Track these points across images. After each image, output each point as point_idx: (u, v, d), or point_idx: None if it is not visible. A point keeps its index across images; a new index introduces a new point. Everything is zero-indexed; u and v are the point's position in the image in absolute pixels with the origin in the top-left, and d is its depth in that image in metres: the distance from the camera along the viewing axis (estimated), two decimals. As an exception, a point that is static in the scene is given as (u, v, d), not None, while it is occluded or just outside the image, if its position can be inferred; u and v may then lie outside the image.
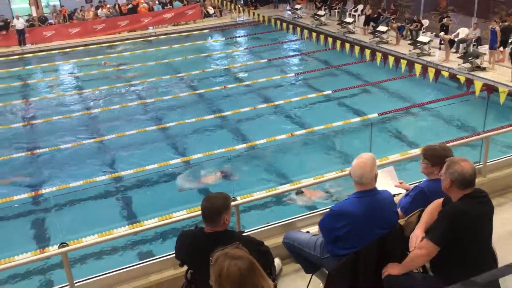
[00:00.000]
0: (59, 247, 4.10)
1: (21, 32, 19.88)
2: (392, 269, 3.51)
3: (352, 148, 10.32)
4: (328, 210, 3.77)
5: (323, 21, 21.22)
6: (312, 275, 4.13)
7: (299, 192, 8.48)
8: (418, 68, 14.36)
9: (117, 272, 4.37)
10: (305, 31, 19.62)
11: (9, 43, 20.09)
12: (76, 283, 4.21)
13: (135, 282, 4.34)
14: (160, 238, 7.68)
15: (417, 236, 3.43)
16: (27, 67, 18.41)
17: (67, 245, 4.13)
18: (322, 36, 18.49)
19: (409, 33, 17.70)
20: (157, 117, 12.96)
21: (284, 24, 21.21)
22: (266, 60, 17.48)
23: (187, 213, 6.81)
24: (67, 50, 20.00)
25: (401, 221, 3.76)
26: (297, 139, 11.14)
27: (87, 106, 14.03)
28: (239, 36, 21.87)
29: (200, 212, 3.50)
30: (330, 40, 17.93)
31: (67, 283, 4.17)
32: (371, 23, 18.88)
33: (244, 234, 3.77)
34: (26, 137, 12.17)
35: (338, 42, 17.47)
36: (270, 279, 3.74)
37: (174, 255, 3.82)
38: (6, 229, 8.43)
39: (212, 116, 12.73)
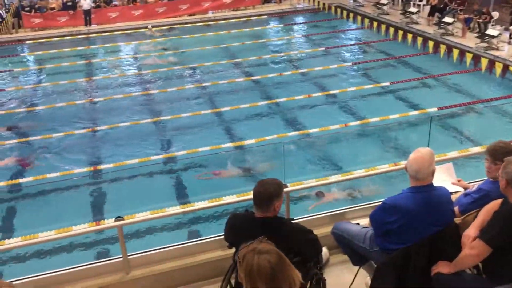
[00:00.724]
0: (115, 221, 4.26)
1: (87, 13, 20.66)
2: (442, 268, 3.42)
3: (408, 142, 10.04)
4: (380, 203, 3.70)
5: (385, 10, 20.61)
6: (359, 268, 4.09)
7: (319, 194, 8.32)
8: (484, 62, 13.72)
9: (167, 248, 4.51)
10: (366, 20, 19.18)
11: (76, 23, 20.93)
12: (129, 255, 4.38)
13: (184, 260, 4.46)
14: (209, 220, 7.84)
15: (469, 236, 3.32)
16: (92, 46, 19.13)
17: (123, 219, 4.28)
18: (383, 26, 18.01)
19: (476, 25, 16.85)
20: (212, 101, 13.13)
21: (345, 12, 20.82)
22: (323, 48, 17.24)
23: (237, 197, 6.91)
24: (130, 31, 20.58)
25: (457, 220, 3.63)
26: (351, 129, 10.96)
27: (145, 87, 14.42)
28: (297, 23, 21.66)
29: (249, 197, 3.53)
30: (391, 30, 17.44)
31: (121, 256, 4.35)
32: (437, 14, 18.13)
33: (293, 221, 3.77)
34: (88, 114, 12.69)
35: (400, 33, 16.97)
36: (317, 268, 3.75)
37: (222, 236, 3.88)
38: (65, 200, 8.87)
39: (266, 102, 12.75)
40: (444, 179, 4.25)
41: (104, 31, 20.71)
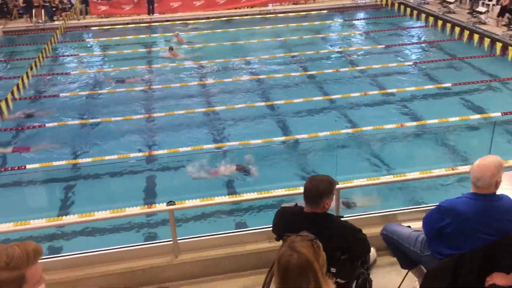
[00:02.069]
0: (167, 205, 4.38)
1: (150, 2, 21.22)
2: (498, 279, 3.28)
3: (467, 147, 9.65)
4: (435, 205, 3.60)
5: (451, 9, 19.81)
6: (408, 271, 4.00)
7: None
8: (556, 67, 12.93)
9: (215, 236, 4.59)
10: (430, 18, 18.53)
11: (139, 11, 21.56)
12: (178, 240, 4.49)
13: (231, 248, 4.52)
14: (256, 211, 7.90)
15: None
16: (153, 35, 19.63)
17: (174, 204, 4.39)
18: (448, 25, 17.34)
19: (550, 28, 15.89)
20: (266, 94, 13.17)
21: (408, 9, 20.21)
22: (383, 46, 16.82)
23: (286, 191, 6.91)
24: (190, 21, 20.96)
25: (516, 231, 3.47)
26: (407, 130, 10.67)
27: (202, 77, 14.64)
28: (358, 19, 21.27)
29: (297, 191, 3.52)
30: (457, 29, 16.76)
31: (171, 239, 4.47)
32: (507, 15, 17.22)
33: (342, 219, 3.73)
34: (145, 101, 13.06)
35: (466, 33, 16.28)
36: (364, 267, 3.70)
37: (270, 228, 3.90)
38: (120, 182, 9.21)
39: (321, 98, 12.63)
40: (506, 187, 4.06)
41: (166, 20, 21.20)
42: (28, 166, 9.55)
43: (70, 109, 12.52)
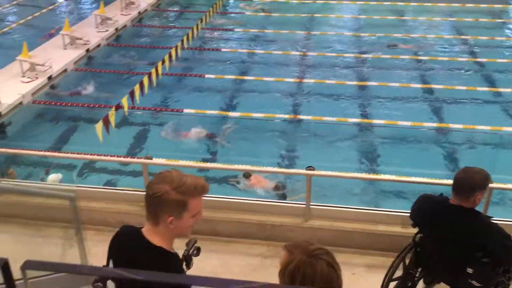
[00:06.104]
0: (306, 169, 4.46)
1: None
2: None
3: None
4: None
5: None
6: (558, 295, 3.55)
7: (247, 175, 7.66)
8: None
9: (348, 209, 4.58)
10: None
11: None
12: (311, 205, 4.57)
13: (363, 225, 4.48)
14: (393, 194, 7.66)
15: None
16: (318, 1, 19.36)
17: (314, 169, 4.46)
18: None
19: None
20: (425, 76, 12.39)
21: None
22: None
23: (428, 180, 6.55)
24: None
25: None
26: None
27: (360, 49, 14.23)
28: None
29: (441, 181, 3.31)
30: None
31: (304, 203, 4.57)
32: None
33: (491, 220, 3.42)
34: (297, 66, 13.17)
35: None
36: (505, 277, 3.38)
37: (405, 213, 3.76)
38: (263, 141, 9.58)
39: (487, 89, 11.51)
40: None
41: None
42: (185, 110, 10.44)
43: (228, 64, 13.23)
